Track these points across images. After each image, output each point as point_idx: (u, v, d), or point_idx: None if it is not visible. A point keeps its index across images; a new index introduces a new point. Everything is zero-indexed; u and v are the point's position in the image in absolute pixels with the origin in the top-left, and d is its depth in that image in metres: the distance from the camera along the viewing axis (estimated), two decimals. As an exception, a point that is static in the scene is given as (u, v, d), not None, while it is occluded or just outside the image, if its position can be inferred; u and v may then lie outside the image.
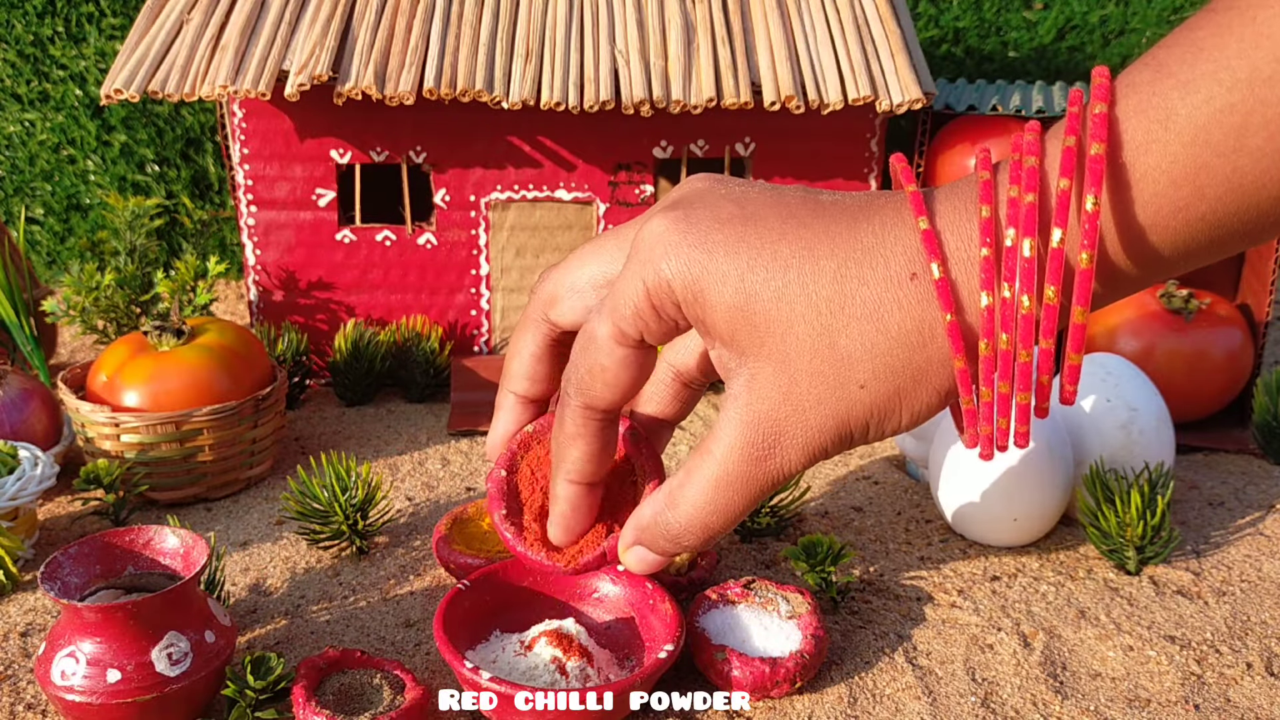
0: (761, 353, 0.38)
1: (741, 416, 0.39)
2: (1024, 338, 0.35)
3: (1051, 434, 0.61)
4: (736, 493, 0.40)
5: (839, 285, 0.37)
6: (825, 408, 0.38)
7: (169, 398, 0.65)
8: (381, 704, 0.46)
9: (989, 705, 0.50)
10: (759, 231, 0.38)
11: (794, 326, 0.38)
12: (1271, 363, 0.96)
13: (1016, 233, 0.34)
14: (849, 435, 0.39)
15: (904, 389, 0.38)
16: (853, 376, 0.38)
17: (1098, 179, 0.33)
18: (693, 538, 0.42)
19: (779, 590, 0.53)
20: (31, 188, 1.11)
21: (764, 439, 0.39)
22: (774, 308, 0.38)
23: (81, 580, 0.48)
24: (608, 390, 0.42)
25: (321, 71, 0.74)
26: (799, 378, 0.38)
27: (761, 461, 0.39)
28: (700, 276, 0.38)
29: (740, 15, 0.82)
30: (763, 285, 0.38)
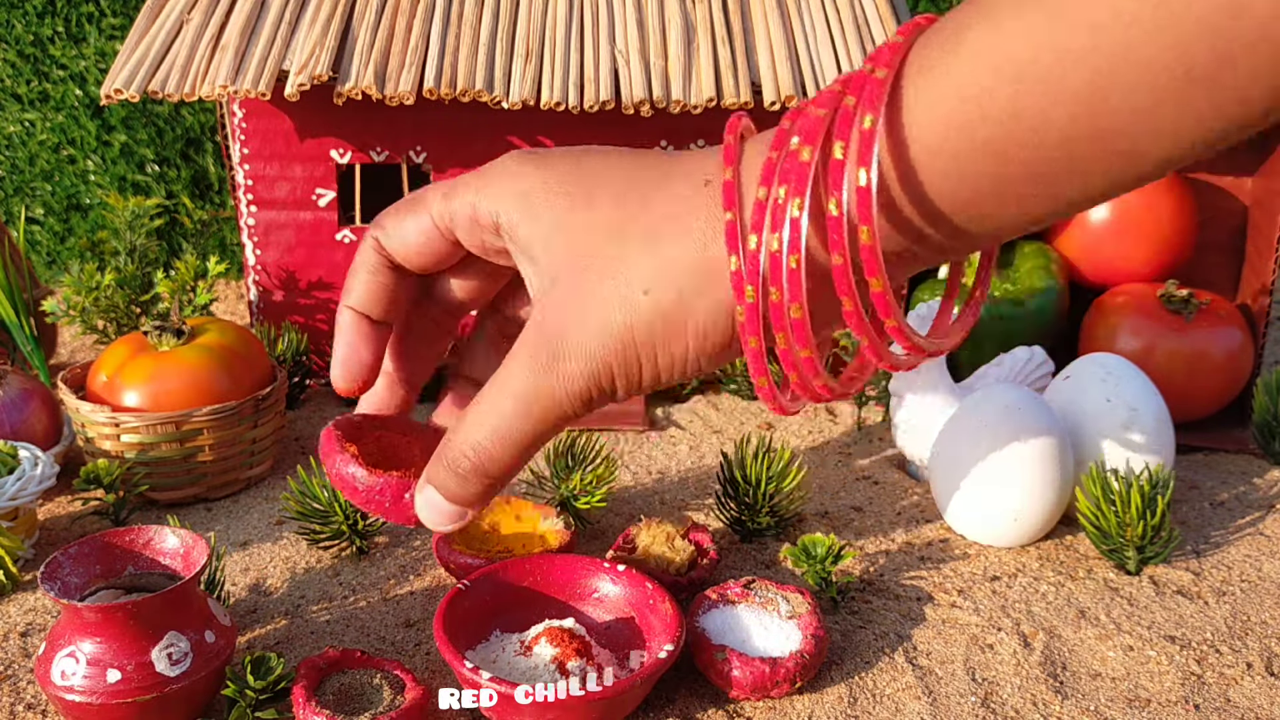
0: (562, 263, 0.39)
1: (531, 325, 0.39)
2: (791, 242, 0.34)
3: (1051, 434, 0.61)
4: (518, 408, 0.39)
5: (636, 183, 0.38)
6: (608, 314, 0.38)
7: (169, 398, 0.65)
8: (381, 704, 0.46)
9: (989, 705, 0.50)
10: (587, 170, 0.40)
11: (590, 222, 0.38)
12: (1271, 363, 0.96)
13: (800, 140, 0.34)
14: (633, 349, 0.38)
15: (688, 298, 0.37)
16: (638, 278, 0.37)
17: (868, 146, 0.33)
18: (475, 461, 0.40)
19: (779, 590, 0.53)
20: (31, 188, 1.11)
21: (548, 345, 0.39)
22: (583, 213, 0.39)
23: (81, 580, 0.48)
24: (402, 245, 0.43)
25: (321, 71, 0.74)
26: (587, 280, 0.38)
27: (545, 373, 0.39)
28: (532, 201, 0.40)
29: (740, 15, 0.82)
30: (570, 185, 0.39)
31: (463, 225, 0.41)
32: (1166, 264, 0.83)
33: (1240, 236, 0.86)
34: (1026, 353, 0.71)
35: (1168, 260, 0.83)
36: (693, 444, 0.78)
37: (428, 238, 0.42)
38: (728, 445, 0.77)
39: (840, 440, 0.79)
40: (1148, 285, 0.81)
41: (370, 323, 0.45)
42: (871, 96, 0.33)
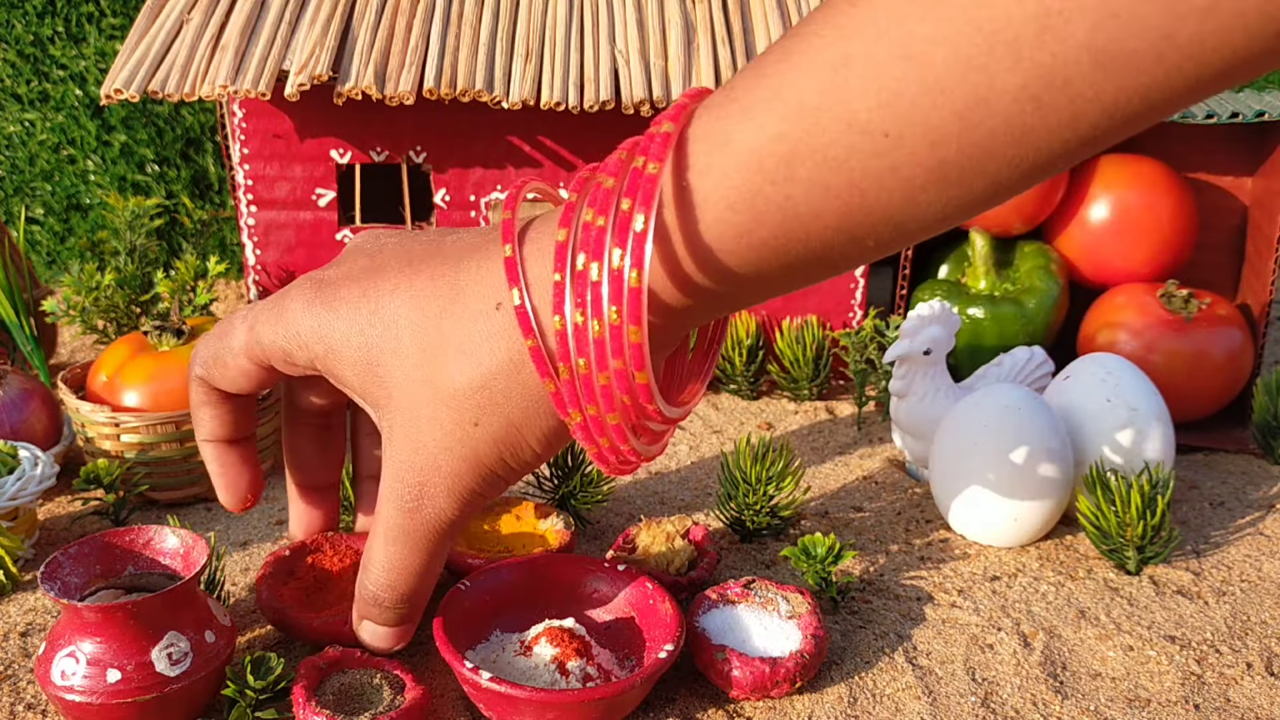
0: (390, 405, 0.40)
1: (388, 473, 0.41)
2: (598, 360, 0.35)
3: (1051, 434, 0.61)
4: (406, 546, 0.42)
5: (438, 326, 0.38)
6: (453, 452, 0.39)
7: (169, 398, 0.65)
8: (381, 704, 0.46)
9: (989, 705, 0.50)
10: (377, 284, 0.40)
11: (408, 375, 0.39)
12: (1271, 363, 0.96)
13: (586, 257, 0.34)
14: (489, 472, 0.40)
15: (516, 418, 0.38)
16: (465, 416, 0.38)
17: (649, 200, 0.33)
18: (390, 596, 0.44)
19: (779, 590, 0.53)
20: (31, 188, 1.11)
21: (410, 490, 0.40)
22: (391, 360, 0.39)
23: (81, 580, 0.48)
24: (227, 384, 0.45)
25: (321, 71, 0.74)
26: (422, 426, 0.39)
27: (416, 513, 0.41)
28: (328, 337, 0.40)
29: (740, 15, 0.82)
30: (379, 338, 0.39)
31: (277, 360, 0.43)
32: (1166, 264, 0.83)
33: (1240, 236, 0.86)
34: (1026, 353, 0.71)
35: (1168, 260, 0.83)
36: (693, 444, 0.78)
37: (246, 373, 0.44)
38: (728, 445, 0.77)
39: (840, 440, 0.79)
40: (1148, 285, 0.81)
41: (231, 445, 0.48)
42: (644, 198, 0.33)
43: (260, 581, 0.53)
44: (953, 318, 0.67)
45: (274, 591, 0.52)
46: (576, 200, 0.36)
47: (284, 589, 0.53)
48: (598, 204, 0.35)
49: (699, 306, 0.36)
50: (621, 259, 0.34)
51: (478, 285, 0.38)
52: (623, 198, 0.34)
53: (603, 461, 0.38)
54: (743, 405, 0.85)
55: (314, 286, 0.41)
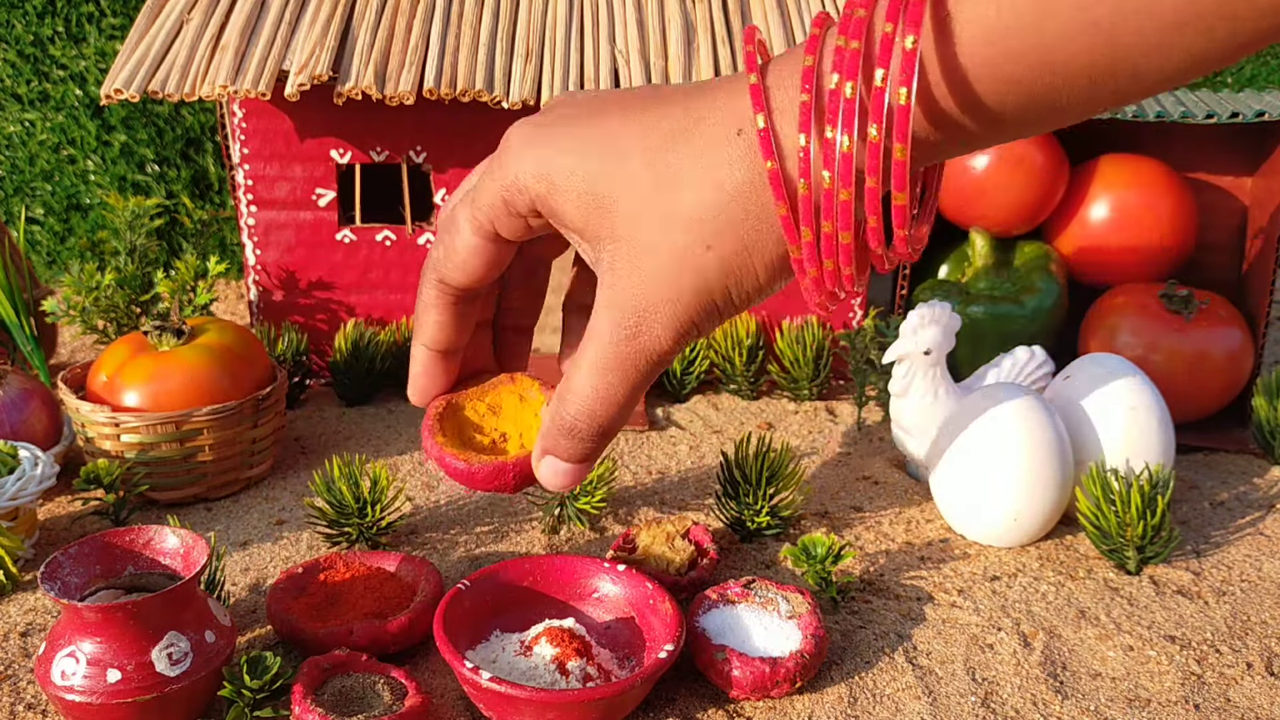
0: (614, 234, 0.40)
1: (605, 301, 0.40)
2: (843, 175, 0.35)
3: (1051, 434, 0.61)
4: (616, 375, 0.41)
5: (674, 153, 0.38)
6: (681, 277, 0.39)
7: (169, 398, 0.65)
8: (379, 708, 0.46)
9: (989, 705, 0.50)
10: (603, 122, 0.40)
11: (637, 203, 0.39)
12: (1271, 363, 0.96)
13: (840, 76, 0.35)
14: (710, 301, 0.40)
15: (749, 241, 0.39)
16: (698, 239, 0.39)
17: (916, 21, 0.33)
18: (588, 426, 0.43)
19: (779, 590, 0.53)
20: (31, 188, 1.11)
21: (629, 318, 0.40)
22: (620, 190, 0.39)
23: (81, 580, 0.48)
24: (458, 272, 0.44)
25: (321, 71, 0.74)
26: (649, 251, 0.39)
27: (632, 340, 0.41)
28: (550, 173, 0.40)
29: (740, 15, 0.82)
30: (605, 170, 0.39)
31: (502, 223, 0.42)
32: (1166, 264, 0.83)
33: (1240, 236, 0.86)
34: (1026, 353, 0.71)
35: (1168, 260, 0.83)
36: (693, 444, 0.78)
37: (478, 250, 0.43)
38: (728, 445, 0.77)
39: (840, 440, 0.79)
40: (1148, 285, 0.81)
41: (441, 356, 0.47)
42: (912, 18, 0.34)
43: (272, 594, 0.53)
44: (953, 318, 0.67)
45: (284, 605, 0.52)
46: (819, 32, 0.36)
47: (294, 604, 0.53)
48: (849, 30, 0.35)
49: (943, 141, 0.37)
50: (885, 78, 0.34)
51: (715, 114, 0.38)
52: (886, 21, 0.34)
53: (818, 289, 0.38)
54: (743, 405, 0.85)
55: (531, 128, 0.41)
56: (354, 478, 0.60)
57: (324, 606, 0.54)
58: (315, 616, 0.53)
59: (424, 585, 0.54)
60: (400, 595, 0.54)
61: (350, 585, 0.55)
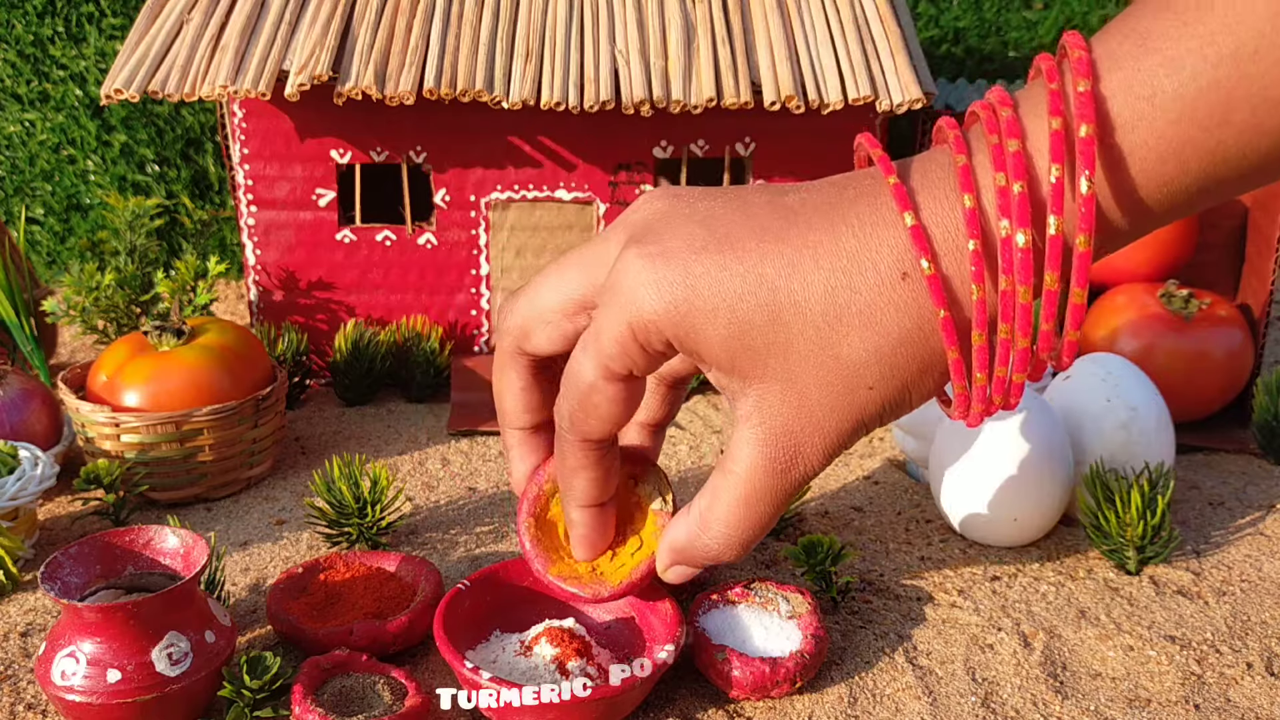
0: (766, 374, 0.39)
1: (757, 436, 0.39)
2: (1023, 327, 0.35)
3: (1051, 434, 0.61)
4: (764, 504, 0.41)
5: (831, 296, 0.37)
6: (838, 413, 0.39)
7: (169, 398, 0.65)
8: (379, 708, 0.46)
9: (989, 705, 0.50)
10: (738, 255, 0.38)
11: (793, 345, 0.38)
12: (1271, 363, 0.96)
13: (1010, 224, 0.34)
14: (864, 429, 0.40)
15: (910, 381, 0.38)
16: (861, 381, 0.38)
17: (1090, 161, 0.33)
18: (730, 553, 0.43)
19: (779, 590, 0.53)
20: (31, 188, 1.11)
21: (783, 453, 0.40)
22: (770, 332, 0.38)
23: (81, 580, 0.48)
24: (601, 424, 0.42)
25: (321, 71, 0.74)
26: (808, 391, 0.38)
27: (784, 474, 0.40)
28: (689, 314, 0.38)
29: (740, 15, 0.82)
30: (754, 312, 0.38)
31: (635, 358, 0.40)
32: (1166, 264, 0.83)
33: (1240, 236, 0.86)
34: (1026, 353, 0.71)
35: (1168, 260, 0.83)
36: (693, 444, 0.78)
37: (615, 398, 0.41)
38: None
39: (840, 440, 0.79)
40: (1148, 285, 0.81)
41: (533, 433, 0.46)
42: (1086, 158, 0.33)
43: (272, 595, 0.53)
44: (953, 318, 0.67)
45: (284, 606, 0.52)
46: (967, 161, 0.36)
47: (294, 604, 0.53)
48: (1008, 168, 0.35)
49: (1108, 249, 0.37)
50: (1060, 225, 0.34)
51: (869, 252, 0.37)
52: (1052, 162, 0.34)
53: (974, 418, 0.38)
54: (743, 405, 0.85)
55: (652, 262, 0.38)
56: (354, 478, 0.60)
57: (324, 606, 0.54)
58: (315, 616, 0.53)
59: (424, 585, 0.54)
60: (400, 595, 0.54)
61: (350, 585, 0.55)
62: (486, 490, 0.70)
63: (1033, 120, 0.35)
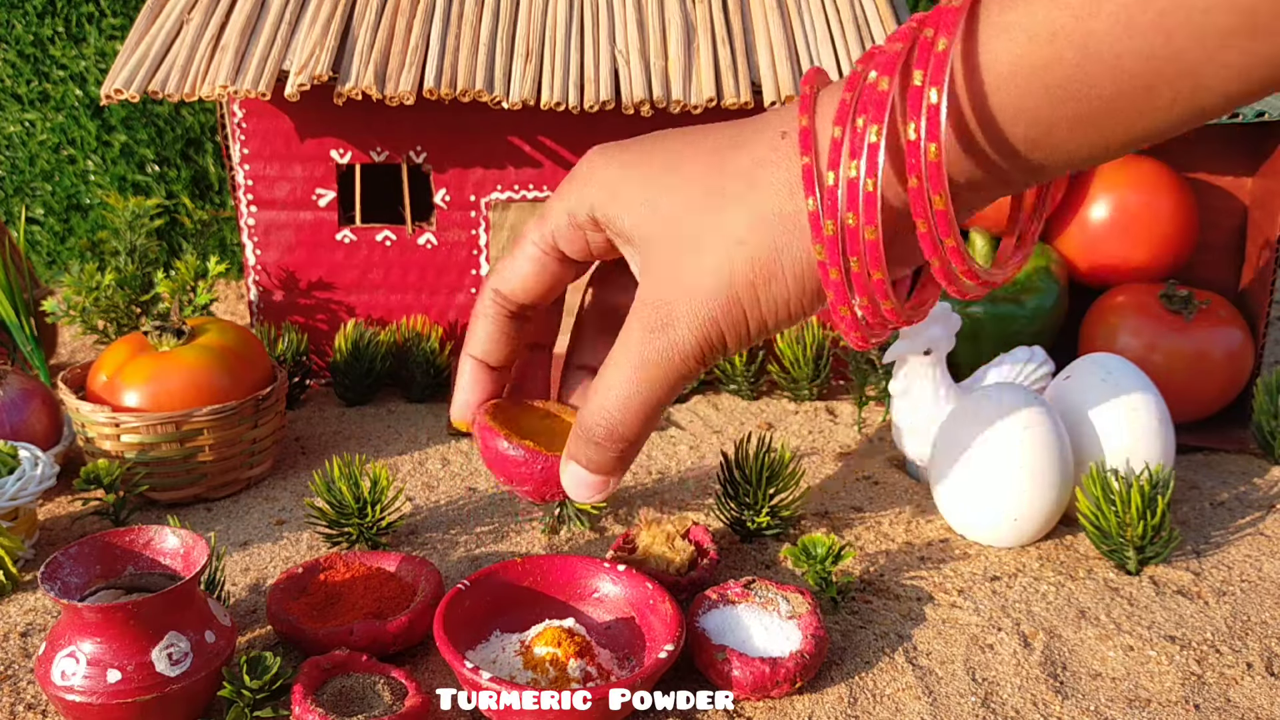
0: (658, 235, 0.41)
1: (638, 299, 0.42)
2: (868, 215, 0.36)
3: (1051, 434, 0.61)
4: (643, 371, 0.42)
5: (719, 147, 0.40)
6: (708, 273, 0.40)
7: (169, 398, 0.65)
8: (379, 708, 0.46)
9: (989, 705, 0.50)
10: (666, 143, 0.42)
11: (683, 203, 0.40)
12: (1271, 363, 0.96)
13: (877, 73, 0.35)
14: (738, 302, 0.40)
15: (780, 242, 0.39)
16: (731, 234, 0.39)
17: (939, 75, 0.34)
18: (606, 429, 0.43)
19: (779, 590, 0.53)
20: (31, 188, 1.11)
21: (657, 313, 0.41)
22: (669, 193, 0.41)
23: (81, 580, 0.48)
24: (515, 284, 0.46)
25: (321, 71, 0.74)
26: (686, 250, 0.40)
27: (657, 335, 0.41)
28: (613, 181, 0.42)
29: (740, 15, 0.82)
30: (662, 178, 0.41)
31: (564, 236, 0.44)
32: (1166, 264, 0.83)
33: (1240, 236, 0.86)
34: (1026, 353, 0.71)
35: (1168, 260, 0.83)
36: (693, 444, 0.78)
37: (538, 265, 0.45)
38: (728, 445, 0.77)
39: (840, 440, 0.79)
40: (1148, 285, 0.81)
41: (488, 369, 0.48)
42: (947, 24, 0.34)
43: (272, 595, 0.53)
44: (953, 318, 0.67)
45: (284, 605, 0.52)
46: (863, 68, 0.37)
47: (294, 604, 0.53)
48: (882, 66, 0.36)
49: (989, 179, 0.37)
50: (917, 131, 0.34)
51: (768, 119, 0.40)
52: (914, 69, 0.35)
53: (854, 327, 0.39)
54: (743, 405, 0.85)
55: (601, 150, 0.43)
56: (354, 478, 0.60)
57: (324, 606, 0.54)
58: (315, 616, 0.53)
59: (424, 585, 0.54)
60: (400, 595, 0.54)
61: (350, 585, 0.55)
62: (486, 490, 0.70)
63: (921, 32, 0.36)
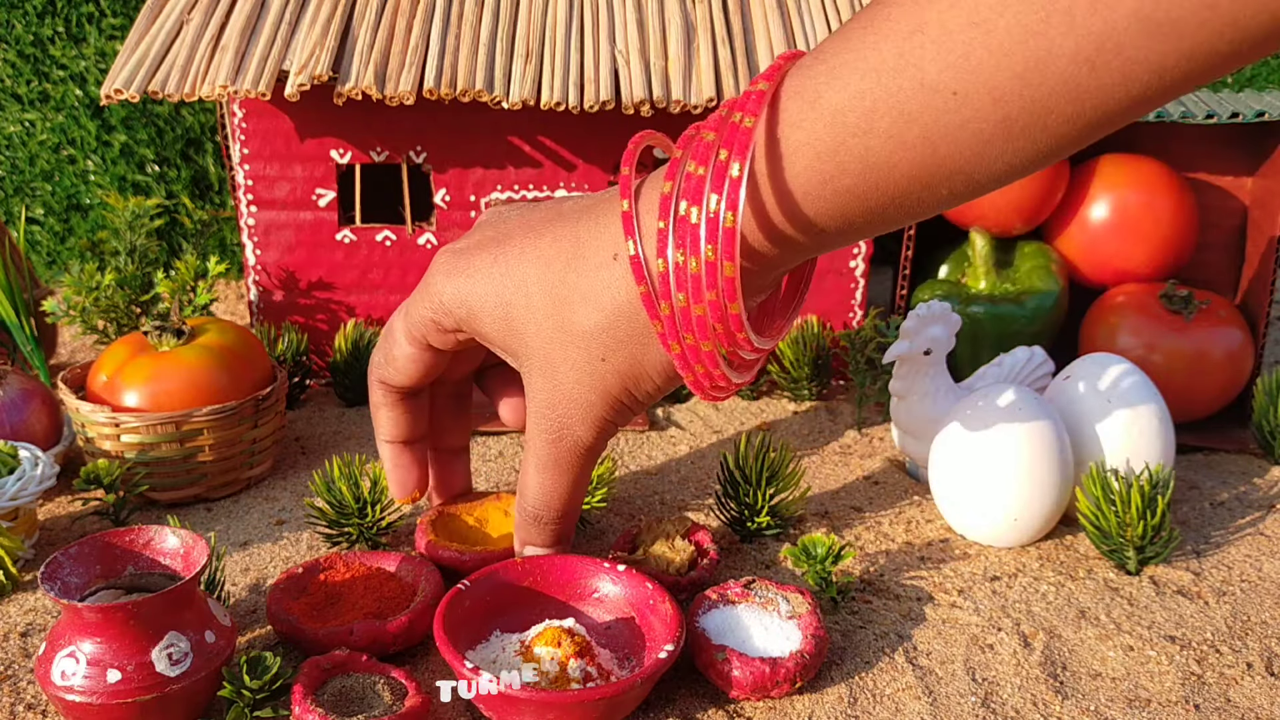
0: (527, 353, 0.46)
1: (532, 410, 0.47)
2: (694, 294, 0.39)
3: (1051, 434, 0.61)
4: (555, 471, 0.48)
5: (563, 280, 0.43)
6: (585, 385, 0.45)
7: (169, 398, 0.65)
8: (379, 708, 0.46)
9: (989, 705, 0.50)
10: (506, 249, 0.45)
11: (541, 326, 0.44)
12: (1271, 363, 0.96)
13: (687, 203, 0.39)
14: (617, 401, 0.45)
15: (636, 353, 0.44)
16: (593, 353, 0.44)
17: (743, 150, 0.37)
18: (546, 514, 0.49)
19: (779, 590, 0.53)
20: (31, 188, 1.11)
21: (553, 425, 0.46)
22: (524, 314, 0.45)
23: (81, 580, 0.48)
24: (400, 375, 0.50)
25: (321, 71, 0.74)
26: (558, 366, 0.45)
27: (559, 441, 0.46)
28: (469, 300, 0.46)
29: (740, 15, 0.82)
30: (512, 296, 0.45)
31: (432, 334, 0.48)
32: (1166, 264, 0.83)
33: (1240, 236, 0.86)
34: (1026, 353, 0.71)
35: (1168, 260, 0.83)
36: (693, 444, 0.78)
37: (413, 359, 0.50)
38: (728, 445, 0.77)
39: (840, 440, 0.79)
40: (1148, 285, 0.81)
41: (405, 445, 0.54)
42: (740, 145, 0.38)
43: (272, 595, 0.53)
44: (952, 318, 0.67)
45: (284, 605, 0.52)
46: (681, 155, 0.40)
47: (295, 604, 0.53)
48: (698, 156, 0.39)
49: (787, 251, 0.40)
50: (718, 203, 0.38)
51: (596, 240, 0.43)
52: (720, 148, 0.38)
53: (699, 389, 0.43)
54: (743, 405, 0.85)
55: (451, 257, 0.47)
56: (354, 478, 0.60)
57: (324, 606, 0.54)
58: (315, 616, 0.53)
59: (424, 585, 0.54)
60: (400, 595, 0.54)
61: (350, 585, 0.55)
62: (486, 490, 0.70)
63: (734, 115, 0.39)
